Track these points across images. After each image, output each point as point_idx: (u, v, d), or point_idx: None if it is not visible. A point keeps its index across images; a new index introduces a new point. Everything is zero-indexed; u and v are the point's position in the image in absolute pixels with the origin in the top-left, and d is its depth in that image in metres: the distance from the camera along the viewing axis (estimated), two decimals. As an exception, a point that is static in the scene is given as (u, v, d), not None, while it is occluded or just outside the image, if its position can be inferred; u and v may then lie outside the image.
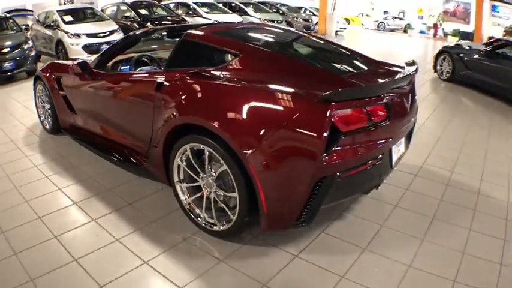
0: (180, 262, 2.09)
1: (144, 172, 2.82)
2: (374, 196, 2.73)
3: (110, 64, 3.48)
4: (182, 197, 2.42)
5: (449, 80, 7.16)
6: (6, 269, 2.07)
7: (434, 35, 17.80)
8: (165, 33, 3.63)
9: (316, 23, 15.58)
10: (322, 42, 3.04)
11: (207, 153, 2.14)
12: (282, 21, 14.16)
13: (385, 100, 2.08)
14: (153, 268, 2.04)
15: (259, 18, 13.68)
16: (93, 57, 3.59)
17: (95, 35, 9.44)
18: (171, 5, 13.08)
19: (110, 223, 2.50)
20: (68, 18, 9.93)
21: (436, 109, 5.42)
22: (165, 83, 2.44)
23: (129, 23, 11.06)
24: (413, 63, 2.68)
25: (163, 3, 13.50)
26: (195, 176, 2.29)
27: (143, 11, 11.26)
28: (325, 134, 1.81)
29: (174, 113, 2.28)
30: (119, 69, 3.59)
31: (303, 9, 16.89)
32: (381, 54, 11.82)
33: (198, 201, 2.34)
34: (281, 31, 3.20)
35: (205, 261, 2.08)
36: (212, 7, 13.20)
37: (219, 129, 2.00)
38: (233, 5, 14.31)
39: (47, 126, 4.25)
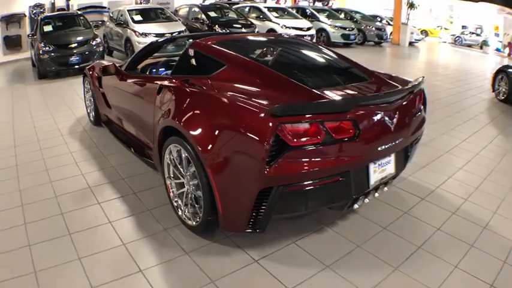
0: (152, 248, 2.43)
1: (154, 166, 3.26)
2: (365, 214, 2.80)
3: (140, 66, 4.05)
4: (170, 192, 2.79)
5: (505, 101, 6.85)
6: (16, 235, 2.63)
7: (509, 54, 17.41)
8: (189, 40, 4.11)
9: (391, 33, 15.56)
10: (323, 54, 3.20)
11: (183, 154, 2.47)
12: (353, 29, 14.32)
13: (352, 116, 2.16)
14: (127, 250, 2.42)
15: (330, 25, 13.96)
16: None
17: (161, 35, 10.36)
18: (246, 9, 13.88)
19: (111, 207, 2.97)
20: (138, 17, 11.13)
21: (478, 130, 5.15)
22: (163, 87, 2.85)
23: (198, 25, 12.01)
24: (421, 80, 2.74)
25: (238, 6, 14.39)
26: (178, 174, 2.65)
27: (213, 14, 12.11)
28: (267, 146, 1.97)
29: (163, 115, 2.69)
30: (147, 72, 4.14)
31: (379, 18, 17.07)
32: (445, 68, 11.32)
33: (181, 196, 2.68)
34: (287, 42, 3.46)
35: (172, 251, 2.40)
36: (283, 12, 13.68)
37: (187, 133, 2.33)
38: (307, 11, 14.67)
39: (91, 118, 5.01)
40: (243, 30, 11.60)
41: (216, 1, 17.22)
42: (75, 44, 8.89)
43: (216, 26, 11.44)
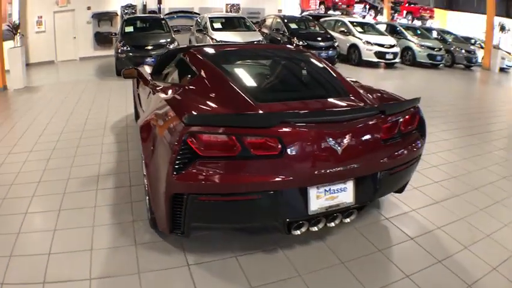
0: (111, 235, 2.86)
1: None
2: (329, 244, 2.80)
3: (164, 72, 4.65)
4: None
5: None
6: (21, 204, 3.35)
7: None
8: None
9: (483, 57, 14.85)
10: (310, 67, 3.31)
11: None
12: (440, 49, 13.84)
13: (276, 133, 2.21)
14: (92, 231, 2.92)
15: (416, 44, 13.63)
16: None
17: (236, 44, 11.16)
18: (332, 23, 14.23)
19: (103, 195, 3.55)
20: (218, 25, 12.14)
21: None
22: (150, 93, 3.36)
23: (279, 37, 12.65)
24: (414, 100, 2.78)
25: (326, 19, 14.82)
26: None
27: (293, 26, 12.67)
28: (174, 153, 2.16)
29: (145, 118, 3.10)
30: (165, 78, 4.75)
31: (472, 40, 16.27)
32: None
33: None
34: (279, 55, 3.71)
35: (125, 241, 2.79)
36: (368, 27, 13.67)
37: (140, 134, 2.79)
38: (397, 28, 14.48)
39: (135, 116, 5.82)
40: (321, 44, 11.88)
41: (310, 13, 17.83)
42: (152, 46, 10.02)
43: (295, 38, 11.91)
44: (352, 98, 2.85)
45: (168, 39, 10.50)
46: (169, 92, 3.02)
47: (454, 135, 5.74)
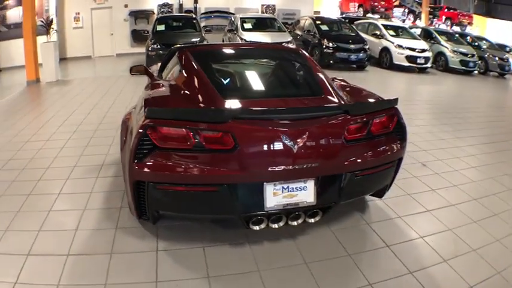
0: (97, 219, 3.09)
1: None
2: (299, 243, 2.81)
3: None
4: None
5: None
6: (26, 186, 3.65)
7: None
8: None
9: None
10: (290, 67, 3.44)
11: None
12: (473, 56, 13.36)
13: (229, 128, 2.32)
14: (82, 214, 3.16)
15: (449, 49, 13.23)
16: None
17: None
18: (365, 25, 14.10)
19: (103, 183, 3.79)
20: (248, 25, 12.34)
21: None
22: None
23: (309, 38, 12.70)
24: (391, 101, 2.78)
25: (360, 21, 14.69)
26: None
27: (324, 27, 12.67)
28: (135, 143, 2.35)
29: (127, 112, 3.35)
30: None
31: (507, 48, 15.69)
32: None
33: None
34: (265, 54, 3.81)
35: (107, 225, 3.00)
36: (401, 31, 13.41)
37: None
38: (433, 35, 14.12)
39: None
40: (351, 46, 11.80)
41: (347, 15, 17.71)
42: (181, 45, 10.38)
43: (325, 39, 11.90)
44: (324, 97, 2.88)
45: (198, 39, 10.73)
46: (154, 88, 3.21)
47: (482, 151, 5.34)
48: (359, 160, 2.61)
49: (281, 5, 17.47)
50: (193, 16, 12.42)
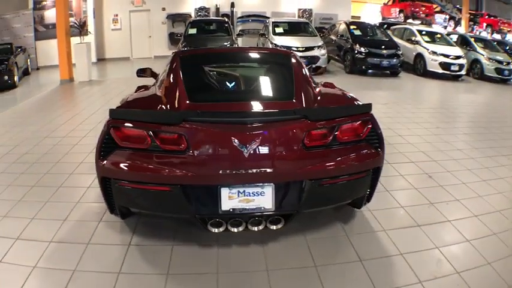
0: (86, 211, 3.27)
1: None
2: (267, 249, 2.79)
3: None
4: None
5: None
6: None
7: None
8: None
9: None
10: (272, 71, 3.41)
11: None
12: (509, 63, 12.55)
13: (181, 130, 2.38)
14: (74, 206, 3.34)
15: (484, 56, 12.55)
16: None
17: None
18: (401, 30, 13.73)
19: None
20: (280, 30, 12.34)
21: None
22: None
23: (342, 43, 12.53)
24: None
25: (396, 27, 14.32)
26: None
27: (357, 32, 12.45)
28: (100, 141, 2.52)
29: None
30: None
31: None
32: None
33: None
34: (250, 56, 3.84)
35: (93, 217, 3.15)
36: (437, 37, 12.92)
37: None
38: (470, 42, 13.48)
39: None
40: (383, 51, 11.52)
41: (386, 21, 17.31)
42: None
43: (357, 44, 11.67)
44: (292, 102, 2.82)
45: (228, 42, 10.88)
46: (137, 90, 3.34)
47: (499, 163, 4.97)
48: (322, 168, 2.53)
49: (318, 10, 17.34)
50: (226, 20, 12.56)
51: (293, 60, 3.50)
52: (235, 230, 2.58)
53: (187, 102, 2.75)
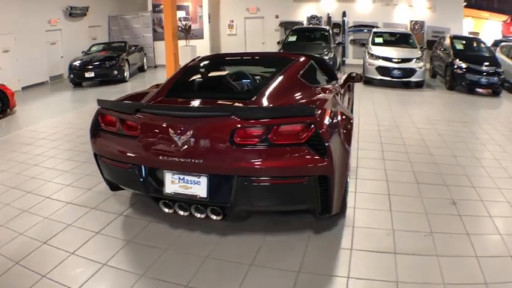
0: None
1: None
2: (218, 241, 2.91)
3: None
4: None
5: None
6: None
7: None
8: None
9: None
10: (262, 75, 3.63)
11: None
12: None
13: (135, 119, 2.76)
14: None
15: None
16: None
17: (388, 59, 10.66)
18: (509, 47, 11.93)
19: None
20: (379, 40, 11.80)
21: None
22: None
23: (445, 57, 11.49)
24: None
25: (505, 44, 12.49)
26: None
27: (459, 47, 11.24)
28: (91, 124, 3.10)
29: None
30: None
31: None
32: None
33: None
34: (257, 61, 4.13)
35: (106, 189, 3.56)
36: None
37: None
38: None
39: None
40: (483, 68, 10.15)
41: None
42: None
43: (457, 59, 10.55)
44: (249, 101, 2.89)
45: (324, 50, 10.75)
46: (150, 88, 3.95)
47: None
48: (250, 166, 2.52)
49: (430, 23, 15.88)
50: (326, 29, 12.38)
51: (289, 65, 3.52)
52: (182, 213, 2.82)
53: (161, 98, 3.18)
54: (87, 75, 10.98)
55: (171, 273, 2.58)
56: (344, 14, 16.07)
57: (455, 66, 10.38)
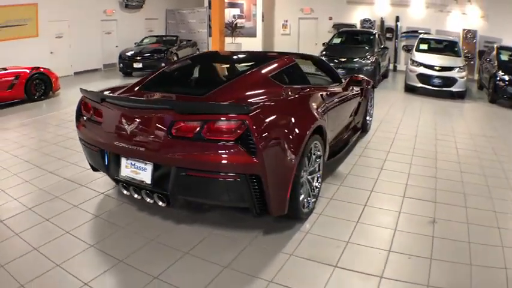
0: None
1: None
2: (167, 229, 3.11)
3: None
4: None
5: None
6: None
7: None
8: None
9: None
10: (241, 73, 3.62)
11: None
12: None
13: (100, 107, 3.06)
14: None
15: None
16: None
17: (430, 67, 10.17)
18: None
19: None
20: (424, 46, 11.24)
21: None
22: None
23: (489, 67, 10.77)
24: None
25: None
26: None
27: (505, 58, 10.43)
28: (76, 111, 3.45)
29: None
30: None
31: None
32: None
33: None
34: (239, 60, 4.30)
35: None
36: None
37: None
38: None
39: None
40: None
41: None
42: (346, 59, 10.41)
43: (500, 70, 9.80)
44: (202, 97, 2.96)
45: (366, 54, 10.57)
46: None
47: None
48: (183, 158, 2.65)
49: (483, 32, 14.73)
50: (373, 32, 12.00)
51: (260, 64, 3.59)
52: (136, 196, 3.03)
53: (133, 91, 3.43)
54: (135, 65, 11.64)
55: (116, 249, 2.87)
56: (397, 19, 15.46)
57: (498, 78, 9.66)
